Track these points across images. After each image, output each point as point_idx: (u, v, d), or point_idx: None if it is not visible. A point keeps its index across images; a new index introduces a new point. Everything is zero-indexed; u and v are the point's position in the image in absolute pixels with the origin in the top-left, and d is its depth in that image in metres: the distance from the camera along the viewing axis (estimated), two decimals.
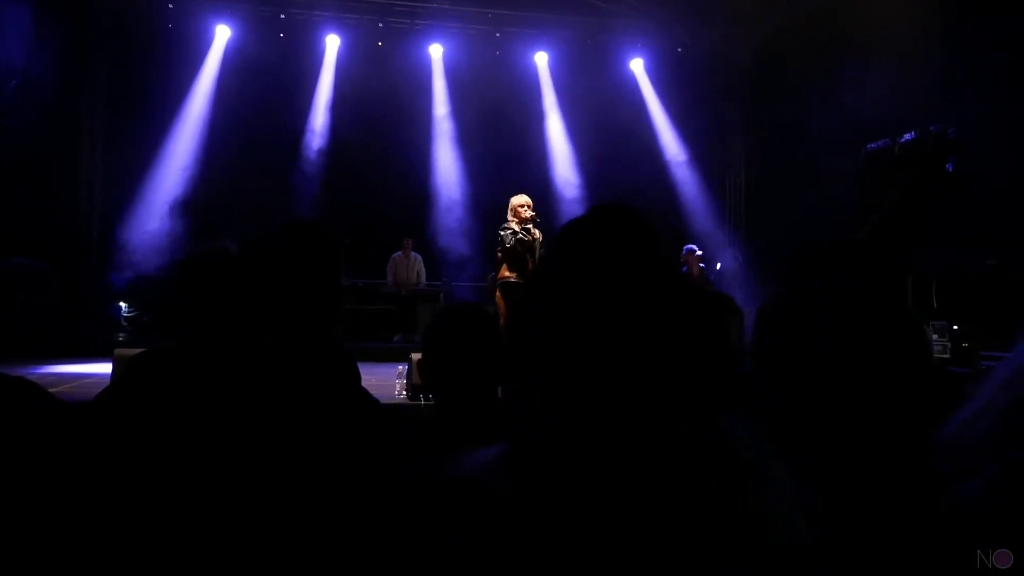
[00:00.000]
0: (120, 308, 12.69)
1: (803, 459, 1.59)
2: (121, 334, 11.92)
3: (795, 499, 0.87)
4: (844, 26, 10.46)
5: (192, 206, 12.70)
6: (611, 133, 14.12)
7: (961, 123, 9.74)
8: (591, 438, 0.85)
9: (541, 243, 7.69)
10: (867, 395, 1.13)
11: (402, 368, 6.95)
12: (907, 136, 10.81)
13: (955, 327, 8.10)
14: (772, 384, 1.41)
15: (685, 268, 11.14)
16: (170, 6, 13.39)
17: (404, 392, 6.72)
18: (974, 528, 0.91)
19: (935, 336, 8.06)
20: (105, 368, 7.54)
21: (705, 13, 13.85)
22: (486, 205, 12.08)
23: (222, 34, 13.59)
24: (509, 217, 7.72)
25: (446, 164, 14.48)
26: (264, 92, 13.18)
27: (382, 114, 13.49)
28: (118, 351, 6.04)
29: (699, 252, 11.35)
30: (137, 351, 1.52)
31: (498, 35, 14.48)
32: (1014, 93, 8.18)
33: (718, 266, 12.45)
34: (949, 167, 10.04)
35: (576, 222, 0.97)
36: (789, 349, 1.27)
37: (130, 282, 12.44)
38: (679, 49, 14.82)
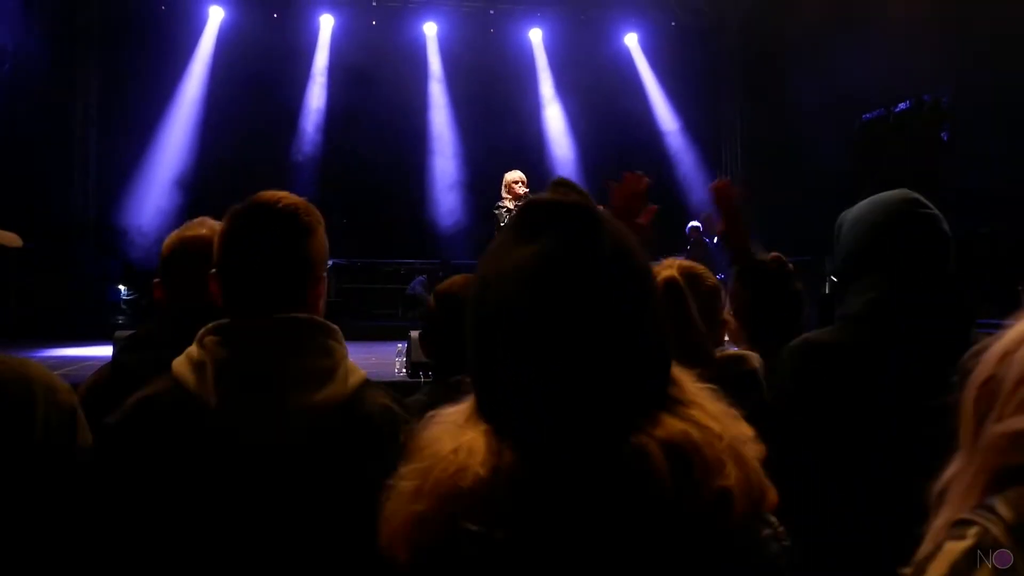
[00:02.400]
0: (119, 291, 12.70)
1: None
2: (120, 317, 11.95)
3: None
4: None
5: (190, 187, 12.69)
6: (606, 108, 14.07)
7: (954, 92, 9.72)
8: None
9: None
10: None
11: (401, 346, 6.99)
12: (902, 105, 10.79)
13: None
14: None
15: (689, 245, 11.19)
16: None
17: (404, 370, 6.76)
18: None
19: None
20: (105, 351, 7.58)
21: None
22: (483, 181, 12.06)
23: (216, 15, 13.50)
24: (504, 194, 7.68)
25: (443, 141, 14.46)
26: (259, 72, 13.12)
27: (377, 93, 13.43)
28: (118, 333, 6.08)
29: (699, 225, 11.38)
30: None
31: (492, 12, 14.40)
32: (1003, 62, 8.15)
33: (715, 240, 12.46)
34: (944, 135, 10.03)
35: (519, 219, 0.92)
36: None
37: (128, 265, 12.45)
38: (672, 23, 14.74)
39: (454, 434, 0.89)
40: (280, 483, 1.29)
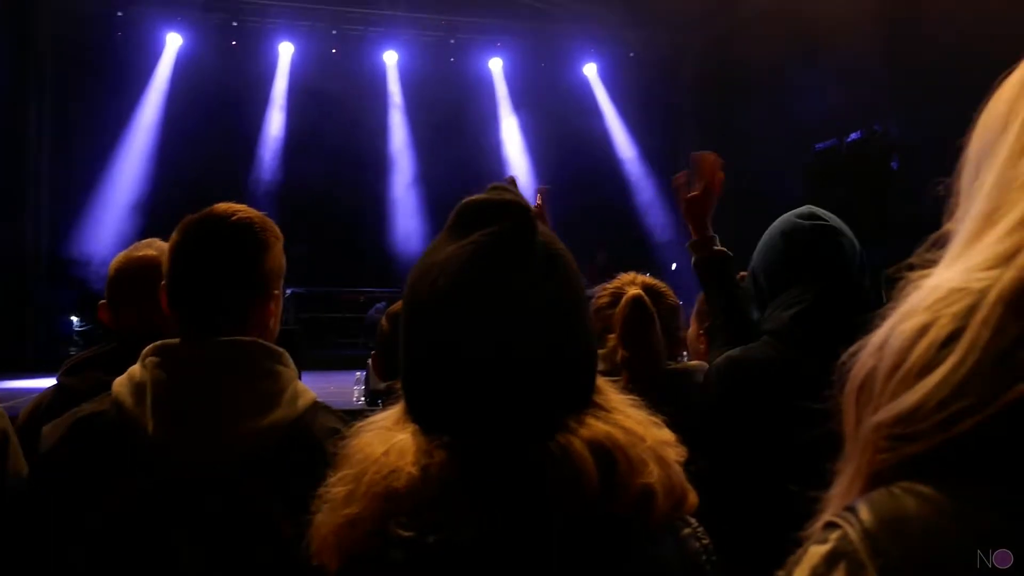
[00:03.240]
0: (72, 322, 12.44)
1: None
2: (73, 348, 11.69)
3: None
4: (790, 30, 10.65)
5: (147, 215, 12.51)
6: (566, 137, 14.19)
7: (903, 122, 9.98)
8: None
9: None
10: None
11: (360, 374, 6.92)
12: (853, 135, 11.05)
13: None
14: None
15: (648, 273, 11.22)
16: (119, 14, 13.15)
17: (362, 398, 6.69)
18: None
19: None
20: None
21: (655, 19, 14.01)
22: (443, 209, 12.00)
23: (173, 42, 13.42)
24: None
25: (403, 169, 14.47)
26: (218, 99, 13.05)
27: (337, 120, 13.42)
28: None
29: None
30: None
31: (452, 41, 14.49)
32: (947, 94, 8.40)
33: (673, 266, 12.59)
34: (894, 164, 10.28)
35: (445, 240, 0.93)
36: None
37: (85, 294, 12.22)
38: (631, 54, 14.96)
39: (384, 437, 0.89)
40: (219, 512, 1.25)
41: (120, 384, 1.32)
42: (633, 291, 1.96)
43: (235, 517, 1.26)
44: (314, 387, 1.41)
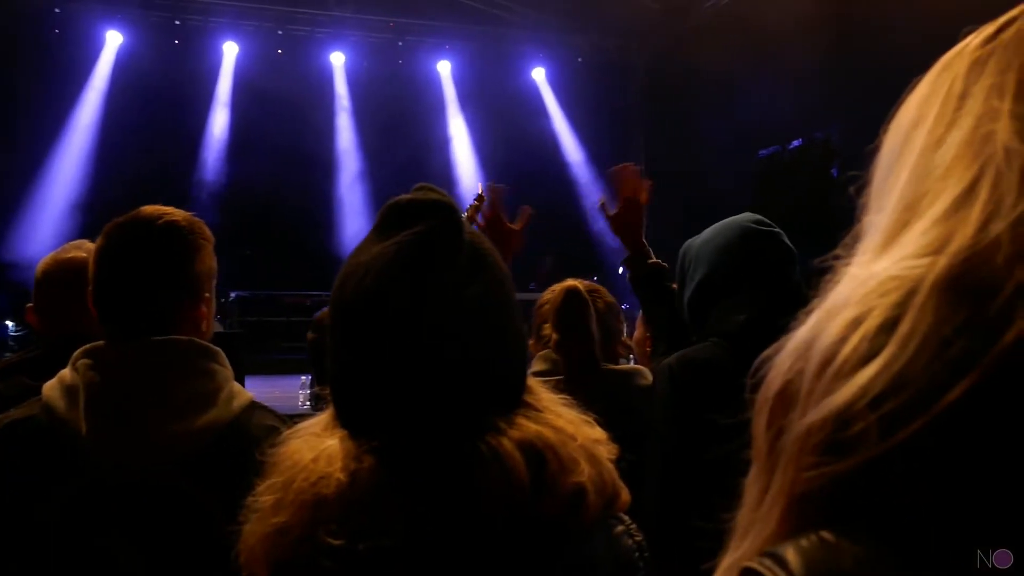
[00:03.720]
0: (7, 327, 12.05)
1: None
2: (8, 354, 11.33)
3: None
4: (737, 38, 10.84)
5: (86, 217, 12.17)
6: (514, 140, 14.21)
7: (843, 130, 10.22)
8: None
9: None
10: None
11: (305, 379, 6.84)
12: (795, 142, 11.27)
13: None
14: None
15: (595, 277, 11.36)
16: (56, 11, 12.79)
17: (307, 403, 6.62)
18: None
19: None
20: None
21: (603, 25, 14.13)
22: None
23: (113, 40, 13.06)
24: None
25: (350, 171, 14.34)
26: (160, 99, 12.76)
27: (283, 122, 13.22)
28: None
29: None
30: None
31: (400, 44, 14.41)
32: (885, 103, 8.63)
33: (620, 270, 12.68)
34: (834, 171, 10.51)
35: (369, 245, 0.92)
36: None
37: (17, 299, 11.83)
38: (580, 59, 15.05)
39: (313, 444, 0.87)
40: (156, 515, 1.23)
41: (50, 388, 1.28)
42: (570, 283, 2.02)
43: (172, 519, 1.24)
44: (259, 391, 1.40)
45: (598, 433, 0.92)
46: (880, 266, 0.49)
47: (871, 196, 0.60)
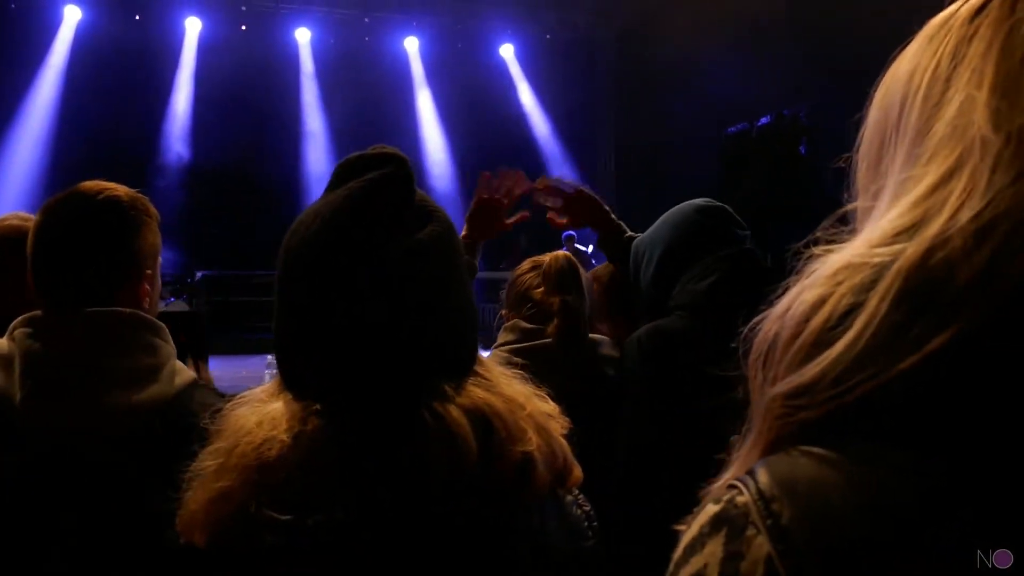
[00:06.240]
0: None
1: None
2: None
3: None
4: (706, 15, 10.84)
5: (43, 196, 11.90)
6: (482, 117, 14.16)
7: (810, 108, 10.29)
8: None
9: None
10: None
11: (271, 358, 6.80)
12: (763, 120, 11.34)
13: None
14: None
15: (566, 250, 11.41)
16: None
17: None
18: None
19: None
20: None
21: (571, 1, 14.06)
22: None
23: (72, 15, 12.76)
24: None
25: (316, 149, 14.19)
26: (121, 76, 12.52)
27: (248, 99, 13.05)
28: None
29: (574, 234, 11.63)
30: None
31: (367, 20, 14.23)
32: (852, 80, 8.72)
33: (590, 248, 12.73)
34: (802, 149, 10.59)
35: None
36: None
37: None
38: (548, 36, 14.98)
39: (258, 409, 0.85)
40: (91, 486, 1.20)
41: None
42: (560, 252, 2.02)
43: (108, 493, 1.21)
44: (225, 371, 1.37)
45: (549, 406, 0.91)
46: (849, 249, 0.52)
47: (861, 176, 0.61)
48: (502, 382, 0.89)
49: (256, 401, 0.87)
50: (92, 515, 1.20)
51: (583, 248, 12.12)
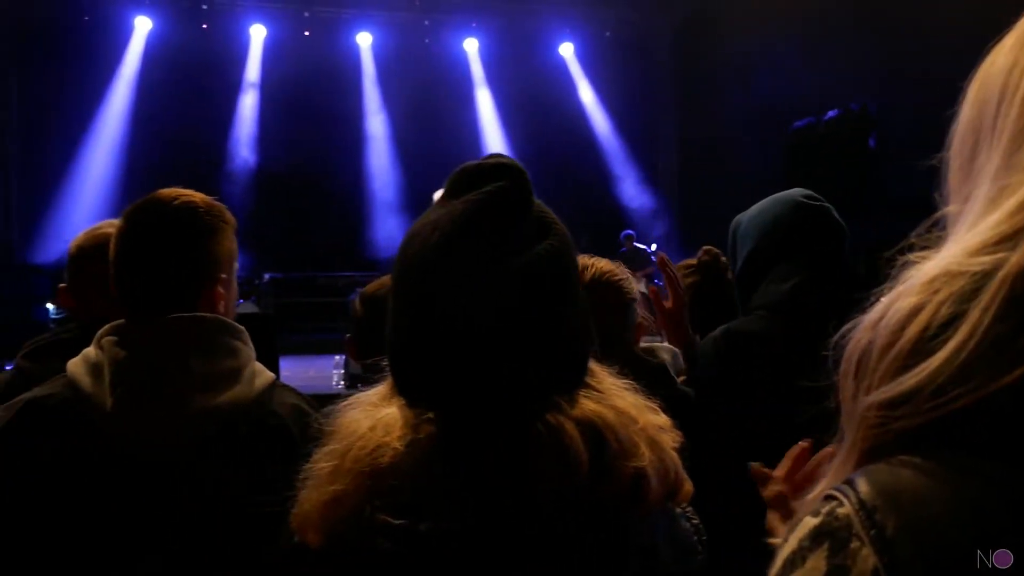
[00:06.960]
0: (48, 310, 12.27)
1: None
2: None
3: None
4: (767, 9, 10.65)
5: (119, 202, 12.30)
6: (542, 116, 14.14)
7: (879, 101, 10.01)
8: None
9: None
10: None
11: (339, 358, 6.90)
12: (831, 113, 11.07)
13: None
14: None
15: (624, 250, 11.34)
16: None
17: (342, 382, 6.68)
18: None
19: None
20: None
21: None
22: (420, 192, 11.98)
23: (142, 26, 13.17)
24: None
25: (379, 152, 14.35)
26: (190, 84, 12.86)
27: (312, 104, 13.27)
28: None
29: (632, 233, 11.56)
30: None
31: (427, 22, 14.35)
32: (922, 73, 8.46)
33: (653, 247, 12.62)
34: (871, 142, 10.32)
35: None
36: None
37: (55, 282, 11.98)
38: (607, 34, 14.90)
39: (371, 413, 0.86)
40: (181, 488, 1.22)
41: (75, 364, 1.28)
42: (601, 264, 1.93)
43: (197, 495, 1.23)
44: (294, 372, 1.40)
45: (662, 419, 0.89)
46: (945, 256, 0.51)
47: (952, 176, 0.59)
48: (614, 394, 0.88)
49: (368, 404, 0.88)
50: (177, 517, 1.23)
51: (642, 247, 12.03)
